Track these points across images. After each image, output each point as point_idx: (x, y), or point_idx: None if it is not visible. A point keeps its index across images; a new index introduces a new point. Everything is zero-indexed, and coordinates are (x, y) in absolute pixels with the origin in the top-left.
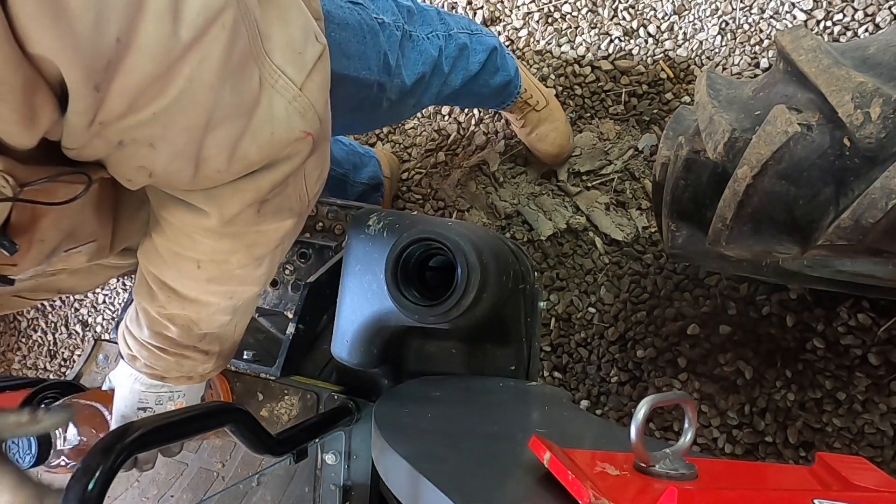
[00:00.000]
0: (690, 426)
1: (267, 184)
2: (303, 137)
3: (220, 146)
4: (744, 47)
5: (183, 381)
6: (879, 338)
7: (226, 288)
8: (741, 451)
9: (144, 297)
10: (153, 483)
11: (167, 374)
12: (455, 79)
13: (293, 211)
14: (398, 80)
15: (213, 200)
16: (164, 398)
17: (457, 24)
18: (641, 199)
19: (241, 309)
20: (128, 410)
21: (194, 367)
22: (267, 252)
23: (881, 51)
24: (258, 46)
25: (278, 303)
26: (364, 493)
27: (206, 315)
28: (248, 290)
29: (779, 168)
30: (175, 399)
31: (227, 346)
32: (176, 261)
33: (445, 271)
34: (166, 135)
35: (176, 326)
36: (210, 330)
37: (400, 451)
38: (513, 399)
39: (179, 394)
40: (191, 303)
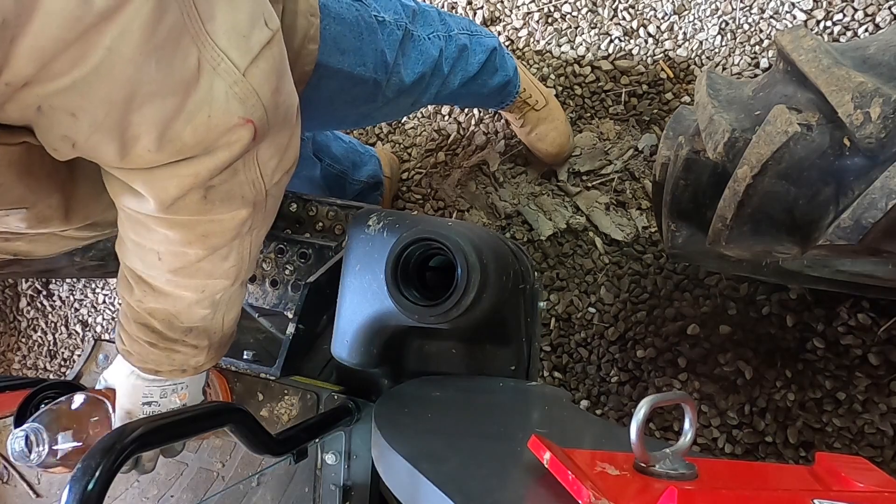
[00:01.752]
0: (690, 426)
1: (205, 170)
2: (241, 124)
3: (149, 124)
4: (744, 47)
5: (177, 374)
6: (879, 338)
7: (194, 281)
8: (741, 451)
9: (125, 291)
10: (153, 483)
11: (160, 368)
12: (454, 80)
13: (246, 200)
14: (396, 79)
15: (150, 184)
16: (168, 390)
17: (457, 25)
18: (641, 199)
19: (221, 302)
20: (132, 406)
21: (186, 361)
22: (224, 242)
23: (881, 51)
24: (197, 26)
25: (278, 303)
26: (364, 493)
27: (183, 308)
28: (219, 284)
29: (779, 168)
30: (179, 391)
31: (216, 339)
32: (139, 252)
33: (445, 271)
34: (86, 105)
35: (157, 320)
36: (193, 324)
37: (400, 451)
38: (513, 399)
39: (182, 385)
40: (165, 296)
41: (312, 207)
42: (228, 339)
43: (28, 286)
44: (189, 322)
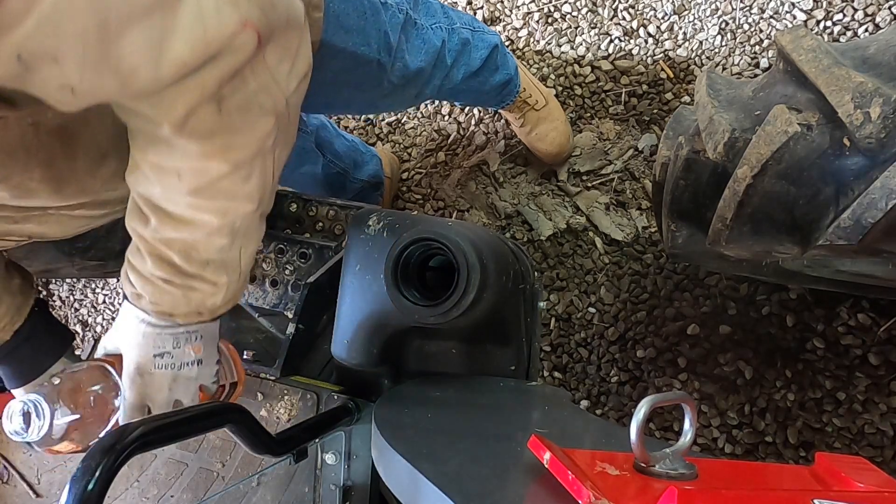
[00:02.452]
0: (690, 426)
1: (211, 80)
2: (241, 30)
3: (140, 51)
4: (744, 47)
5: (193, 317)
6: (879, 338)
7: (215, 203)
8: (741, 451)
9: (138, 223)
10: (153, 483)
11: (175, 311)
12: (457, 73)
13: (265, 109)
14: (400, 64)
15: (157, 108)
16: (182, 339)
17: (459, 19)
18: (641, 199)
19: (240, 232)
20: (143, 359)
21: (203, 301)
22: (247, 157)
23: (881, 51)
24: None
25: (278, 303)
26: (364, 493)
27: (201, 237)
28: (240, 208)
29: (779, 168)
30: (192, 341)
31: (234, 278)
32: (158, 174)
33: (445, 271)
34: (62, 45)
35: (174, 252)
36: (211, 255)
37: (400, 451)
38: (513, 399)
39: (195, 335)
40: (184, 224)
41: (312, 207)
42: (243, 282)
43: None
44: (207, 254)
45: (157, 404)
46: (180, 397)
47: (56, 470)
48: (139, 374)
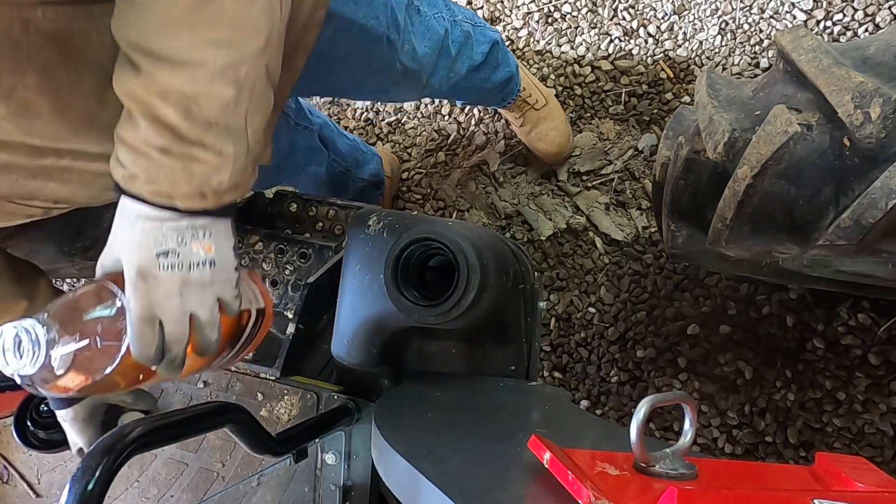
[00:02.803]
0: (690, 426)
1: None
2: None
3: None
4: (744, 47)
5: (196, 200)
6: (879, 338)
7: (216, 34)
8: (741, 451)
9: (128, 77)
10: (153, 483)
11: (175, 190)
12: (461, 66)
13: None
14: (409, 47)
15: None
16: (187, 235)
17: (461, 13)
18: (641, 199)
19: (245, 85)
20: (144, 259)
21: (206, 177)
22: None
23: (881, 51)
24: None
25: (278, 303)
26: (364, 493)
27: (203, 85)
28: (247, 42)
29: (779, 168)
30: (200, 238)
31: (241, 150)
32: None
33: (445, 271)
34: None
35: (171, 107)
36: (214, 114)
37: (400, 451)
38: (513, 399)
39: (203, 231)
40: (181, 66)
41: (312, 207)
42: (252, 162)
43: None
44: (210, 111)
45: (169, 316)
46: (195, 309)
47: (56, 470)
48: (142, 278)
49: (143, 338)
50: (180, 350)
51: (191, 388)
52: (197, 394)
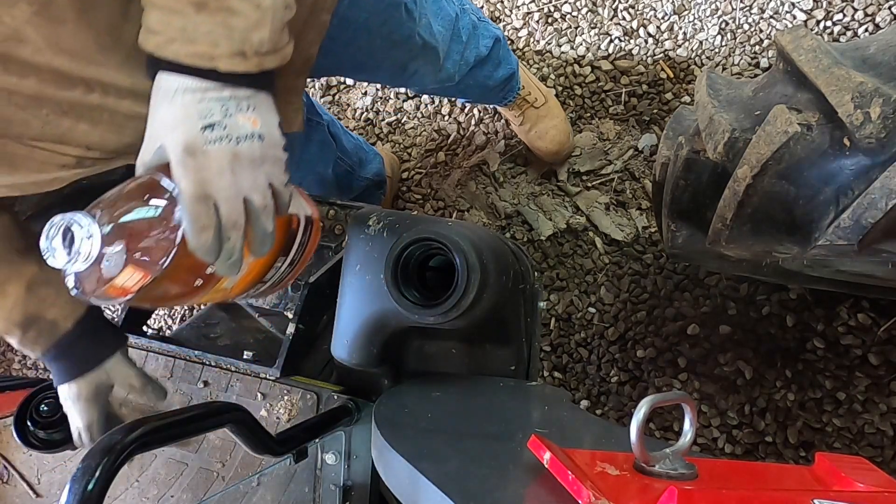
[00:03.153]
0: (690, 426)
1: None
2: None
3: None
4: (744, 47)
5: (237, 60)
6: (879, 338)
7: None
8: (741, 451)
9: None
10: (153, 483)
11: (215, 49)
12: (469, 54)
13: None
14: (426, 21)
15: None
16: (231, 106)
17: (468, 4)
18: (641, 199)
19: None
20: (190, 135)
21: (246, 33)
22: None
23: (881, 51)
24: None
25: (278, 303)
26: (364, 493)
27: None
28: None
29: (779, 168)
30: (245, 110)
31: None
32: None
33: (445, 271)
34: None
35: None
36: None
37: (400, 451)
38: (513, 399)
39: (246, 103)
40: None
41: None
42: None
43: None
44: None
45: (223, 195)
46: (248, 192)
47: (56, 470)
48: (189, 154)
49: (199, 218)
50: (238, 238)
51: (191, 388)
52: (197, 394)
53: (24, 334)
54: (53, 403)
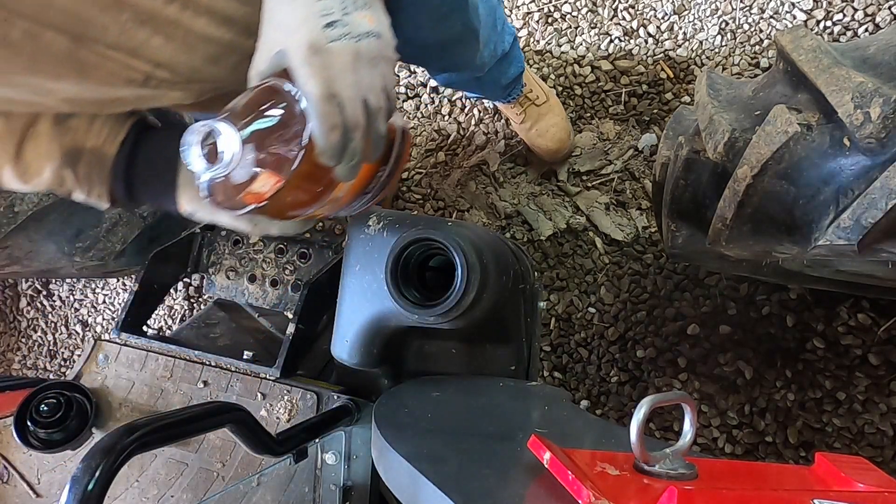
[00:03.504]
0: (690, 426)
1: None
2: None
3: None
4: (744, 47)
5: None
6: (879, 338)
7: None
8: (741, 451)
9: None
10: (153, 483)
11: None
12: (499, 47)
13: None
14: (473, 2)
15: None
16: (349, 4)
17: None
18: (641, 199)
19: None
20: (314, 33)
21: None
22: None
23: (881, 51)
24: None
25: (278, 303)
26: (364, 493)
27: None
28: None
29: (779, 168)
30: (361, 7)
31: None
32: None
33: (445, 271)
34: None
35: None
36: None
37: (400, 451)
38: (513, 399)
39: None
40: None
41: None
42: None
43: (28, 286)
44: None
45: (347, 93)
46: (367, 92)
47: (56, 470)
48: (314, 52)
49: (328, 117)
50: (360, 139)
51: (191, 388)
52: (197, 394)
53: (76, 173)
54: (53, 403)
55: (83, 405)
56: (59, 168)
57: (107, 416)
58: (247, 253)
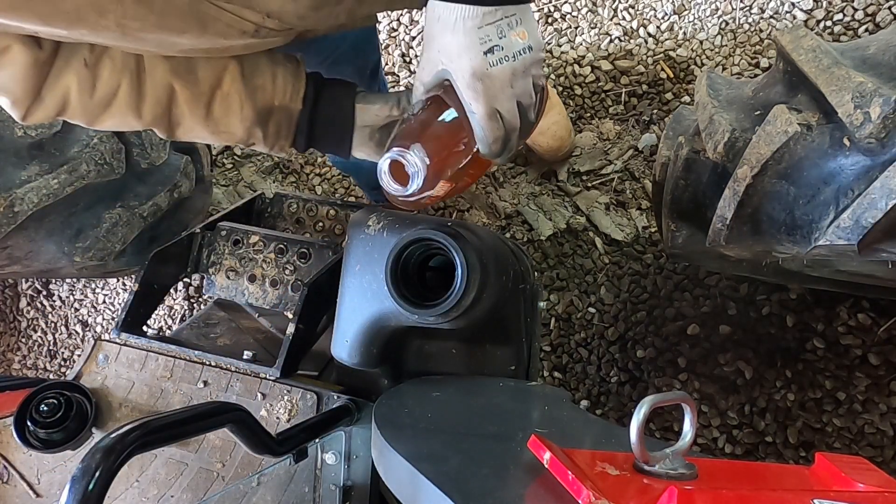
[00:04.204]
0: (690, 426)
1: None
2: None
3: None
4: (744, 47)
5: None
6: (879, 338)
7: None
8: (741, 451)
9: None
10: (153, 483)
11: None
12: None
13: None
14: None
15: None
16: (504, 26)
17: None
18: (641, 199)
19: None
20: (475, 61)
21: None
22: None
23: (881, 51)
24: None
25: (278, 303)
26: (364, 493)
27: None
28: None
29: (779, 168)
30: (515, 26)
31: None
32: None
33: (445, 271)
34: None
35: None
36: None
37: (400, 451)
38: (513, 399)
39: (515, 19)
40: None
41: (313, 207)
42: None
43: (28, 286)
44: None
45: (506, 106)
46: (520, 96)
47: (56, 470)
48: (478, 79)
49: (492, 132)
50: (517, 136)
51: (191, 388)
52: (197, 394)
53: (265, 131)
54: (53, 403)
55: (83, 405)
56: (251, 126)
57: (107, 416)
58: (247, 253)
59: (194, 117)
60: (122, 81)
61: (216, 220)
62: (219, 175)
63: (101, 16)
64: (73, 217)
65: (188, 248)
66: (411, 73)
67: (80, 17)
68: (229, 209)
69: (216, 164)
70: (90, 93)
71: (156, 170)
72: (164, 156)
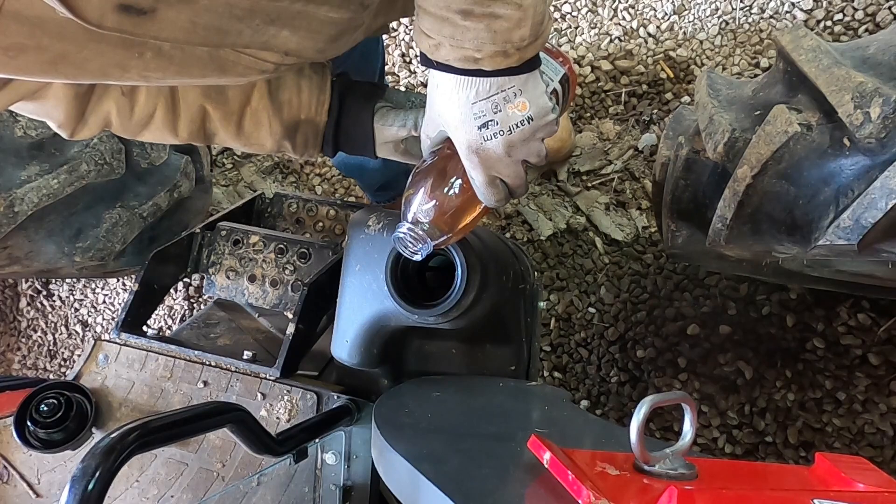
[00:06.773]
0: (690, 426)
1: None
2: None
3: None
4: (744, 47)
5: (499, 59)
6: (879, 338)
7: None
8: (741, 451)
9: None
10: (153, 483)
11: (480, 51)
12: None
13: None
14: None
15: None
16: (500, 101)
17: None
18: (641, 199)
19: None
20: (470, 136)
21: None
22: None
23: (881, 51)
24: None
25: (278, 303)
26: (364, 493)
27: None
28: None
29: (779, 168)
30: (512, 99)
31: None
32: None
33: (445, 271)
34: None
35: None
36: None
37: (400, 451)
38: (513, 399)
39: (514, 92)
40: None
41: (312, 207)
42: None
43: (28, 286)
44: None
45: (506, 172)
46: (525, 156)
47: (56, 470)
48: (472, 152)
49: (494, 194)
50: (525, 190)
51: (191, 388)
52: (197, 394)
53: (294, 143)
54: (53, 403)
55: (83, 405)
56: (280, 139)
57: (107, 416)
58: (247, 253)
59: (227, 133)
60: (158, 105)
61: (216, 220)
62: (219, 175)
63: (124, 71)
64: (73, 217)
65: (188, 248)
66: (411, 73)
67: (105, 74)
68: (229, 209)
69: (216, 164)
70: (129, 116)
71: (156, 170)
72: (163, 156)
